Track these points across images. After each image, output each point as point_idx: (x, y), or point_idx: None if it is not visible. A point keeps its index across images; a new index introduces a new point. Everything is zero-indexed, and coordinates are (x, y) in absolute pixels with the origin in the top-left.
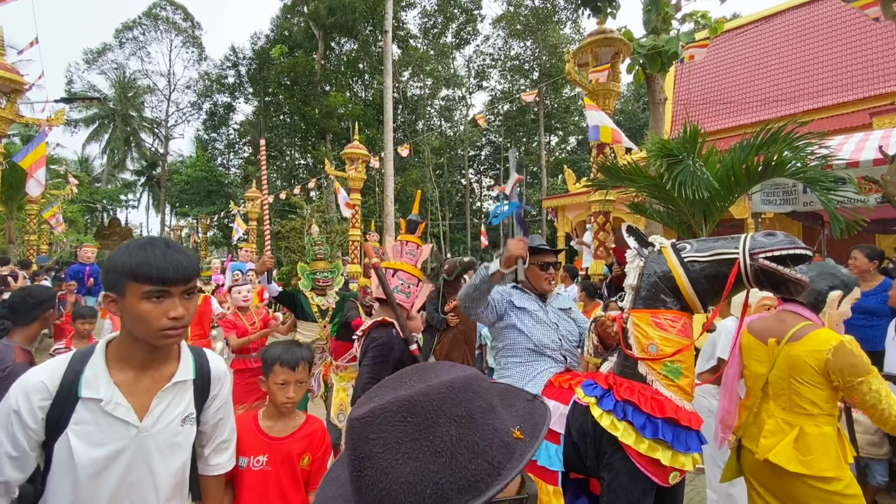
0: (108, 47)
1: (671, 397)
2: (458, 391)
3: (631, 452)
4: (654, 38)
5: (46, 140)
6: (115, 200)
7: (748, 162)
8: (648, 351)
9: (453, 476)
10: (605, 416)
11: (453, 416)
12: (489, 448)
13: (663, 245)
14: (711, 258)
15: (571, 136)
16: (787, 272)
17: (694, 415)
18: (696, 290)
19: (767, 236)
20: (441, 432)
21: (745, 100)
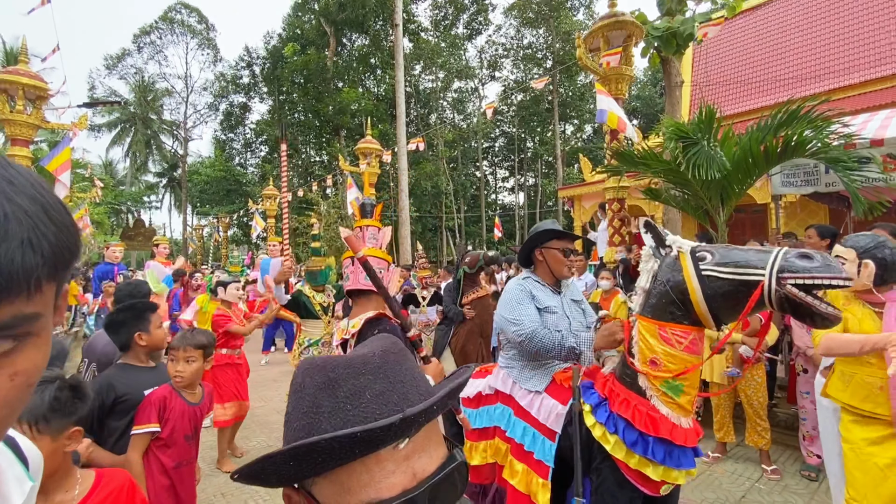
0: (128, 52)
1: (668, 415)
2: (312, 366)
3: (620, 465)
4: (668, 20)
5: (71, 145)
6: (139, 202)
7: (766, 142)
8: (650, 365)
9: (286, 440)
10: (597, 427)
11: (293, 393)
12: (293, 438)
13: (682, 250)
14: (733, 276)
15: (587, 125)
16: (816, 305)
17: (691, 432)
18: (711, 308)
19: (803, 258)
20: (293, 399)
21: (767, 80)
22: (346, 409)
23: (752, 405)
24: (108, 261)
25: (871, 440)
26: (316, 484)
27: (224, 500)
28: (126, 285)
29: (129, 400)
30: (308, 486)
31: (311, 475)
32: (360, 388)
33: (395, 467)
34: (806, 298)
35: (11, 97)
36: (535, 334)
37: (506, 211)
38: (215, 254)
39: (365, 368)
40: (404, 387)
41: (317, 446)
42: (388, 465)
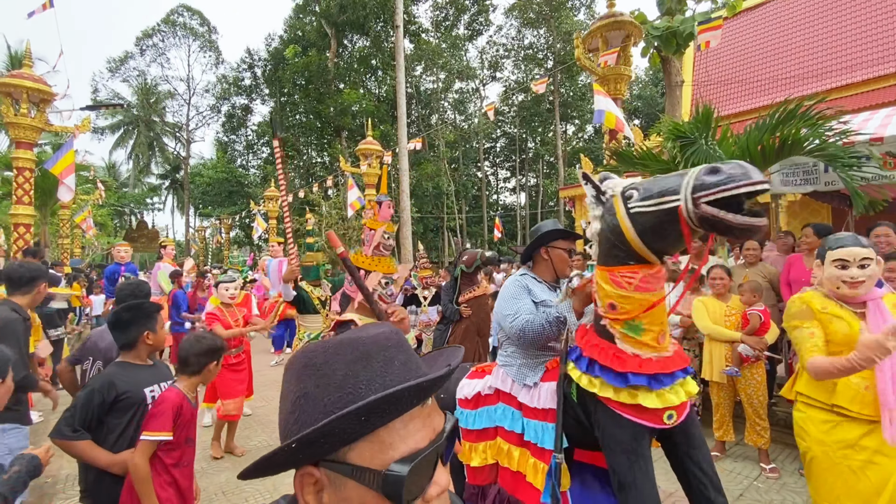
0: (130, 55)
1: (636, 353)
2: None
3: (612, 404)
4: (668, 20)
5: (75, 148)
6: (142, 204)
7: (764, 141)
8: (609, 309)
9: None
10: (583, 377)
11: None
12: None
13: (614, 193)
14: (657, 208)
15: (588, 125)
16: (731, 219)
17: (667, 360)
18: (646, 242)
19: (711, 174)
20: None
21: (767, 79)
22: (382, 376)
23: (752, 404)
24: (115, 261)
25: (846, 442)
26: (354, 449)
27: (225, 497)
28: (127, 285)
29: (130, 398)
30: (342, 456)
31: (369, 431)
32: (390, 359)
33: (421, 424)
34: (719, 214)
35: (16, 100)
36: (527, 322)
37: (507, 211)
38: (217, 255)
39: (389, 342)
40: (416, 358)
41: (391, 397)
42: (417, 423)
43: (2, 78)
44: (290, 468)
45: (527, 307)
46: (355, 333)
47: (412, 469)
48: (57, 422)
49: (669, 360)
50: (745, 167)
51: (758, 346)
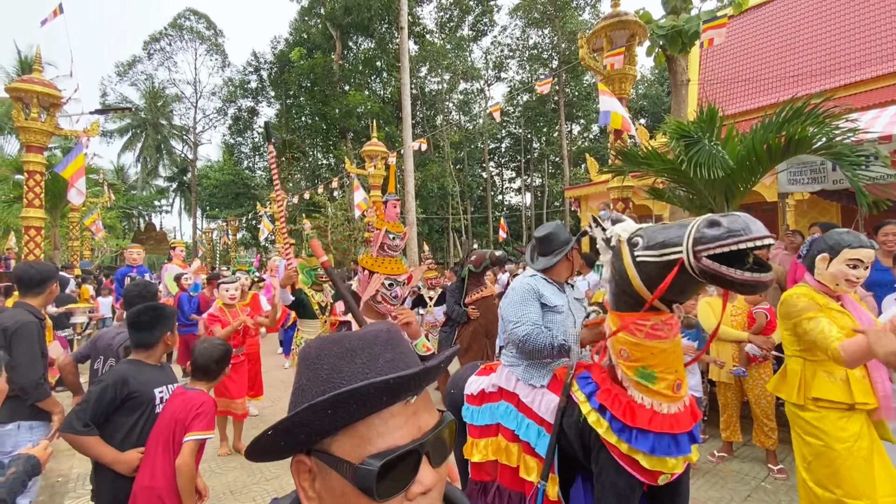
0: (138, 59)
1: (648, 404)
2: (320, 345)
3: (613, 450)
4: (673, 19)
5: (85, 151)
6: (150, 206)
7: (770, 140)
8: (621, 356)
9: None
10: (592, 413)
11: (306, 367)
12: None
13: (621, 239)
14: (661, 259)
15: (594, 124)
16: (733, 275)
17: (677, 416)
18: (652, 291)
19: (711, 226)
20: (298, 380)
21: (775, 77)
22: (364, 372)
23: (760, 405)
24: (127, 263)
25: (857, 434)
26: (335, 441)
27: (233, 496)
28: (135, 286)
29: (140, 396)
30: (326, 446)
31: (340, 427)
32: (375, 356)
33: (404, 421)
34: (720, 269)
35: (26, 105)
36: (529, 335)
37: (512, 212)
38: (224, 256)
39: (377, 340)
40: (407, 357)
41: (355, 392)
42: (399, 420)
43: (12, 83)
44: (282, 454)
45: (533, 315)
46: (353, 331)
47: (384, 465)
48: (67, 415)
49: (682, 417)
50: (746, 220)
51: (765, 346)
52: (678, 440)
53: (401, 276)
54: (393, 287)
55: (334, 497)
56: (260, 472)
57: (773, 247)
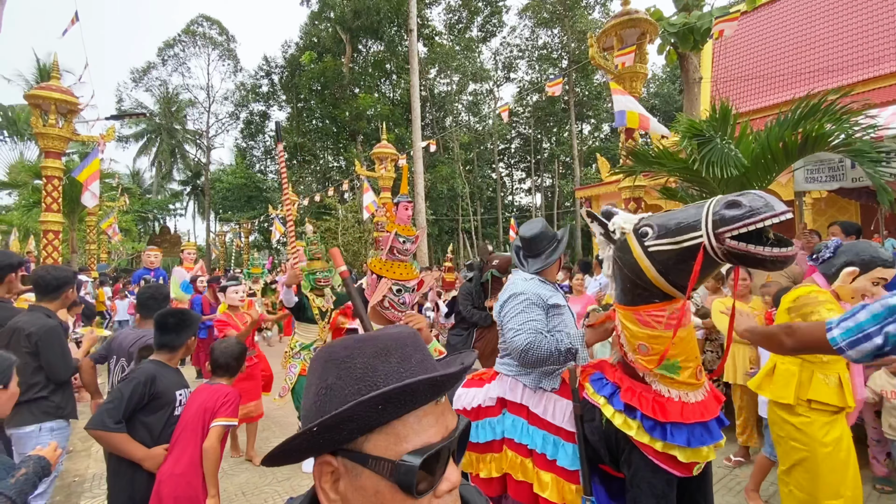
0: (153, 65)
1: (675, 396)
2: (346, 346)
3: (647, 450)
4: (684, 16)
5: (100, 156)
6: (165, 209)
7: (785, 138)
8: (640, 351)
9: (317, 415)
10: (617, 415)
11: (335, 366)
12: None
13: (625, 232)
14: (678, 246)
15: (604, 124)
16: (762, 252)
17: (706, 402)
18: (669, 280)
19: (730, 207)
20: (322, 379)
21: (790, 74)
22: (399, 371)
23: None
24: (144, 266)
25: (838, 437)
26: (370, 440)
27: (245, 498)
28: (147, 288)
29: (163, 397)
30: (359, 445)
31: (382, 423)
32: (408, 356)
33: (435, 420)
34: (748, 248)
35: (45, 112)
36: (532, 344)
37: (522, 212)
38: (237, 259)
39: (407, 341)
40: (431, 358)
41: (408, 388)
42: (431, 418)
43: (31, 90)
44: (311, 455)
45: (537, 323)
46: (377, 332)
47: (424, 461)
48: (96, 412)
49: (708, 403)
50: (766, 197)
51: None
52: (709, 427)
53: (410, 282)
54: (401, 293)
55: (365, 497)
56: (272, 473)
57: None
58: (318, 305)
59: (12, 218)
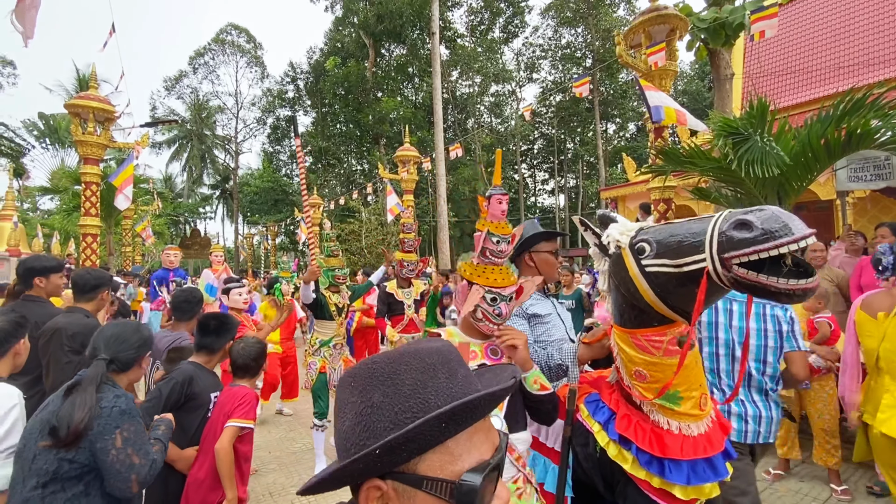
0: (184, 74)
1: (675, 428)
2: (393, 361)
3: (643, 485)
4: (715, 11)
5: (135, 162)
6: (195, 213)
7: (828, 135)
8: (637, 377)
9: (371, 441)
10: (611, 445)
11: (380, 383)
12: (410, 420)
13: (621, 246)
14: (678, 269)
15: (630, 123)
16: (774, 284)
17: (710, 435)
18: (669, 304)
19: (740, 228)
20: (367, 398)
21: (829, 67)
22: (448, 386)
23: (822, 420)
24: (164, 266)
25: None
26: (424, 461)
27: (272, 499)
28: (182, 291)
29: (198, 399)
30: (412, 467)
31: (440, 441)
32: (454, 371)
33: (484, 437)
34: (758, 279)
35: (83, 120)
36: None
37: (545, 213)
38: (264, 260)
39: (451, 356)
40: (472, 372)
41: (470, 404)
42: (482, 435)
43: (71, 100)
44: (360, 480)
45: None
46: (415, 346)
47: (484, 479)
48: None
49: (713, 435)
50: (784, 216)
51: (829, 357)
52: (713, 463)
53: (507, 289)
54: (497, 302)
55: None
56: (298, 475)
57: (832, 247)
58: (334, 302)
59: (54, 222)
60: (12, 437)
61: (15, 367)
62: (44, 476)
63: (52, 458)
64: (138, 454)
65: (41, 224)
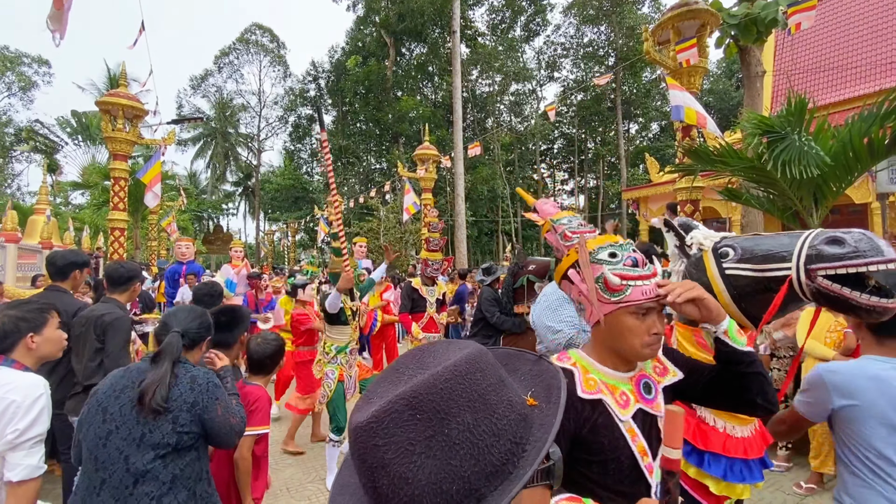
0: (210, 73)
1: (721, 427)
2: (465, 374)
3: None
4: (747, 6)
5: (162, 159)
6: (218, 209)
7: (871, 134)
8: None
9: (478, 465)
10: None
11: (466, 402)
12: (508, 426)
13: (703, 249)
14: (760, 274)
15: (653, 122)
16: (856, 298)
17: (751, 441)
18: (742, 308)
19: (832, 244)
20: (456, 423)
21: (869, 64)
22: (509, 378)
23: None
24: (177, 259)
25: None
26: None
27: (289, 493)
28: (204, 285)
29: None
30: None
31: None
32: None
33: None
34: (842, 291)
35: (113, 117)
36: (574, 339)
37: None
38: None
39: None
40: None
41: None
42: None
43: (101, 97)
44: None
45: (569, 319)
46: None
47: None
48: None
49: (754, 441)
50: (875, 239)
51: None
52: (751, 466)
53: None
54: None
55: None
56: (315, 471)
57: None
58: (349, 306)
59: (84, 216)
60: (39, 426)
61: (40, 358)
62: (163, 448)
63: (171, 432)
64: (234, 416)
65: (72, 218)
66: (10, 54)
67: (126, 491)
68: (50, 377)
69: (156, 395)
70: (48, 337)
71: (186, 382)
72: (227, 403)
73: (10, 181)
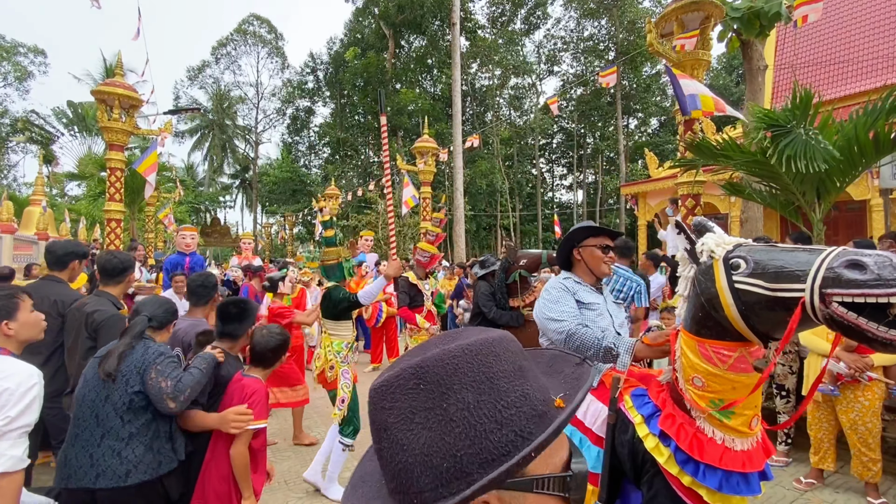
0: (207, 64)
1: (719, 439)
2: (476, 354)
3: (672, 480)
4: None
5: (159, 150)
6: (215, 202)
7: (877, 128)
8: (693, 383)
9: (472, 448)
10: (650, 438)
11: (470, 381)
12: (516, 417)
13: (714, 257)
14: (772, 294)
15: (653, 118)
16: (873, 330)
17: (752, 454)
18: (750, 324)
19: (852, 268)
20: (455, 399)
21: (873, 59)
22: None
23: (857, 431)
24: (178, 251)
25: None
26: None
27: (287, 486)
28: (198, 276)
29: (224, 383)
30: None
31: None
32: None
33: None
34: (858, 321)
35: (109, 107)
36: (574, 331)
37: (563, 209)
38: (280, 250)
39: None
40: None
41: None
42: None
43: (97, 86)
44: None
45: (570, 311)
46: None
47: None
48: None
49: (754, 454)
50: (891, 267)
51: (855, 365)
52: (748, 479)
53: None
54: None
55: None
56: None
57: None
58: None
59: (81, 207)
60: (29, 415)
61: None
62: (121, 409)
63: (125, 393)
64: (166, 380)
65: (68, 209)
66: (5, 44)
67: (94, 443)
68: (43, 369)
69: (108, 362)
70: (24, 321)
71: (140, 352)
72: (165, 368)
73: (6, 172)
